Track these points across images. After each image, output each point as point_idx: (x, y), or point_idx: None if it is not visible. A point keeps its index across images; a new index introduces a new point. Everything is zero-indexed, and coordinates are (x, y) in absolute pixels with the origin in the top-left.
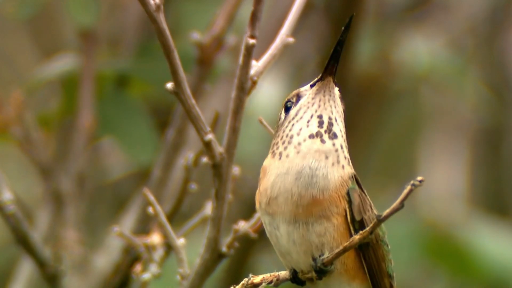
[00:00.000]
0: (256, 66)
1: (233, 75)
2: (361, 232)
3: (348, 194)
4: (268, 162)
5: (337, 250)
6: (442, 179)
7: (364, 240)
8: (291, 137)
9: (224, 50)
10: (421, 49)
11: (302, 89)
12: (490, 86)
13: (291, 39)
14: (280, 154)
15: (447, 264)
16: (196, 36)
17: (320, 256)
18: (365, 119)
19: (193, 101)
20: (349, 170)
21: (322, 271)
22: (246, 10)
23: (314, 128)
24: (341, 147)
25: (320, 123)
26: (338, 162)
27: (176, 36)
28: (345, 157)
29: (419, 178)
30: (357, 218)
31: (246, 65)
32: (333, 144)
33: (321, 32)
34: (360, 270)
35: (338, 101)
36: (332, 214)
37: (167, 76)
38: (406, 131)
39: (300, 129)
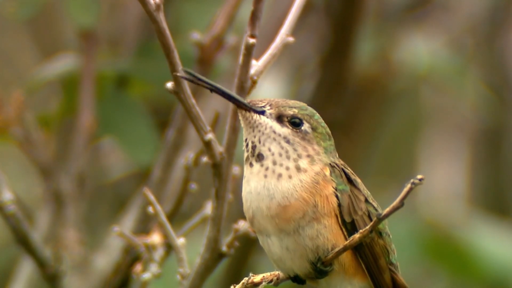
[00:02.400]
0: (256, 65)
1: (233, 74)
2: (361, 230)
3: (337, 196)
4: None
5: (337, 249)
6: (442, 179)
7: (364, 238)
8: None
9: (224, 50)
10: (421, 49)
11: None
12: (490, 86)
13: (291, 39)
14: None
15: (447, 264)
16: (196, 36)
17: (319, 259)
18: (365, 119)
19: (193, 100)
20: (307, 175)
21: (322, 271)
22: (246, 10)
23: (245, 153)
24: (274, 163)
25: (247, 148)
26: (280, 175)
27: (176, 36)
28: (287, 168)
29: (419, 176)
30: (347, 220)
31: (246, 65)
32: (261, 165)
33: (321, 32)
34: (360, 268)
35: (262, 124)
36: (321, 215)
37: (167, 76)
38: (406, 131)
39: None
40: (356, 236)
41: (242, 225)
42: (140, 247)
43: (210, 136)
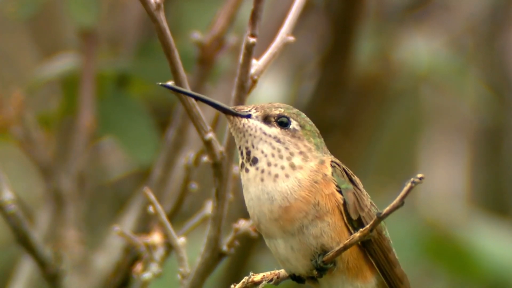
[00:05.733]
0: (256, 65)
1: (233, 74)
2: (361, 229)
3: (340, 192)
4: None
5: (337, 248)
6: (442, 179)
7: (364, 237)
8: None
9: (225, 50)
10: (421, 49)
11: None
12: (490, 86)
13: (291, 38)
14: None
15: (447, 264)
16: (196, 35)
17: (319, 256)
18: (365, 119)
19: (194, 100)
20: (303, 173)
21: (322, 269)
22: (247, 9)
23: (240, 159)
24: (268, 164)
25: (241, 154)
26: (277, 176)
27: (177, 35)
28: (282, 167)
29: (419, 175)
30: (354, 217)
31: (247, 64)
32: (256, 168)
33: (321, 32)
34: (363, 268)
35: (251, 127)
36: (324, 214)
37: (167, 75)
38: (406, 131)
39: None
40: (356, 235)
41: (243, 225)
42: (140, 246)
43: (210, 135)
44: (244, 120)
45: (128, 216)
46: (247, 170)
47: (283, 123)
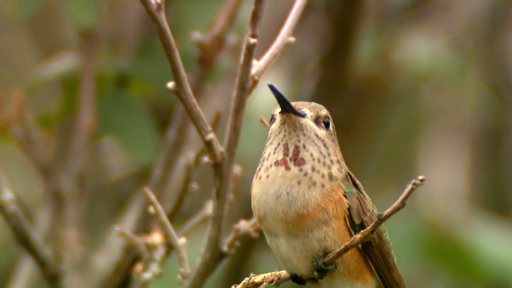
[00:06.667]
0: (257, 65)
1: (234, 74)
2: (362, 231)
3: (345, 197)
4: (254, 180)
5: (338, 249)
6: (442, 179)
7: (365, 239)
8: (264, 159)
9: (225, 50)
10: (421, 49)
11: (276, 111)
12: (490, 86)
13: (292, 39)
14: (258, 175)
15: (447, 264)
16: (197, 35)
17: (320, 257)
18: (365, 119)
19: (194, 100)
20: (332, 184)
21: (322, 270)
22: (247, 9)
23: (279, 155)
24: (313, 169)
25: (286, 151)
26: (314, 184)
27: (177, 35)
28: (322, 175)
29: (420, 177)
30: (357, 222)
31: (247, 65)
32: (300, 170)
33: (321, 32)
34: (363, 271)
35: (307, 128)
36: (330, 218)
37: (167, 75)
38: (406, 131)
39: (269, 154)
40: (357, 236)
41: (243, 225)
42: (140, 246)
43: (211, 136)
44: (303, 120)
45: (128, 216)
46: (288, 168)
47: (326, 123)
